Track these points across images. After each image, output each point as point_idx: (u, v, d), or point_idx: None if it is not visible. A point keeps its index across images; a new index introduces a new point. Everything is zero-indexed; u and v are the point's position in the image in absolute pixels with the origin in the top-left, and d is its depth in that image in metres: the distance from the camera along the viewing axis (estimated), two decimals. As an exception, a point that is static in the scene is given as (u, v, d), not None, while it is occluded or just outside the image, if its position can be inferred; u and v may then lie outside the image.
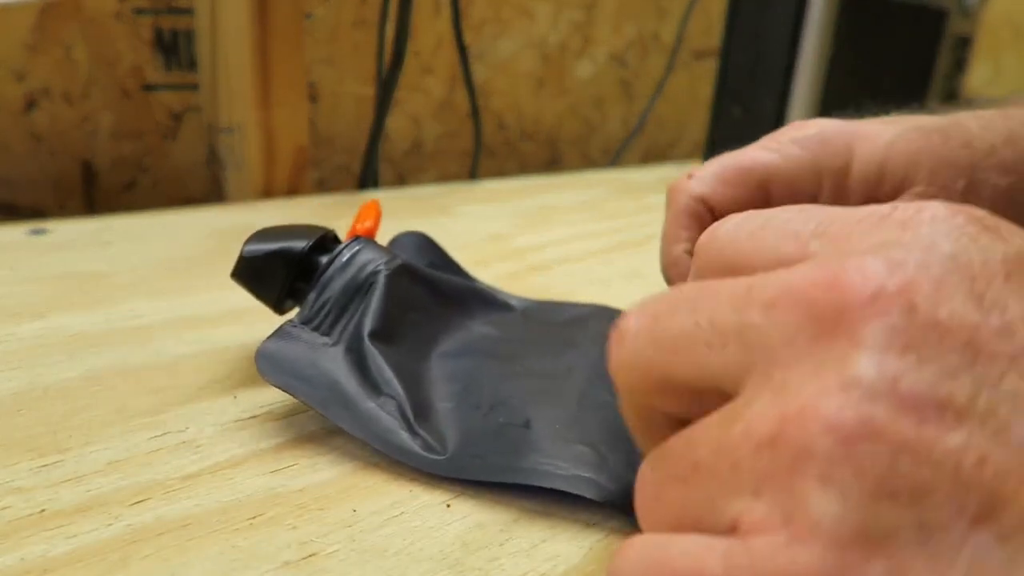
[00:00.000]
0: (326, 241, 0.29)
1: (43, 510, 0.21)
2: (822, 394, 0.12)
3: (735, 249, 0.17)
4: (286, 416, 0.27)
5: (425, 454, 0.24)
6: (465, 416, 0.26)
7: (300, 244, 0.28)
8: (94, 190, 0.58)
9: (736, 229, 0.17)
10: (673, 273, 0.30)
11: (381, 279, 0.28)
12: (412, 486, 0.24)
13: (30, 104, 0.54)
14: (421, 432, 0.25)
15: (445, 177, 0.76)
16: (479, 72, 0.75)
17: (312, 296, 0.28)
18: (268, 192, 0.55)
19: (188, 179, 0.61)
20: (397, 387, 0.26)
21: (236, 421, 0.26)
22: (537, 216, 0.56)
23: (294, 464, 0.24)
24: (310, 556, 0.21)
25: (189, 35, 0.58)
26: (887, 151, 0.28)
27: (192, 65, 0.59)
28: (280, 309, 0.29)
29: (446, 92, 0.73)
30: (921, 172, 0.28)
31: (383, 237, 0.33)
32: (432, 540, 0.22)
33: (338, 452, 0.25)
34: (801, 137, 0.29)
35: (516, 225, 0.53)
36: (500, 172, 0.80)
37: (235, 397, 0.28)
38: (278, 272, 0.28)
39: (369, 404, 0.25)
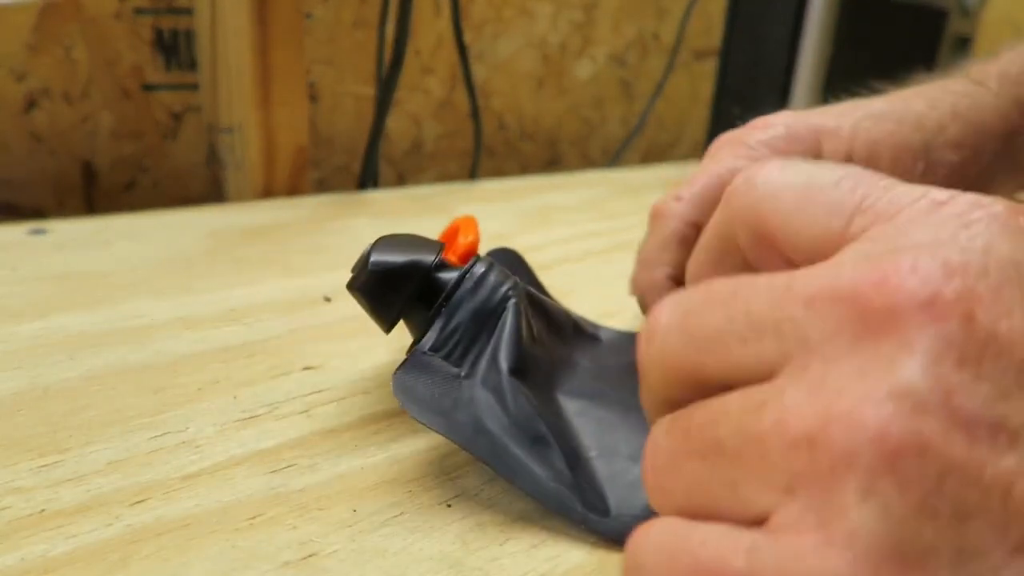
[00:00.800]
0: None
1: (43, 510, 0.21)
2: (869, 400, 0.11)
3: (774, 207, 0.16)
4: (286, 416, 0.27)
5: (586, 512, 0.23)
6: (613, 468, 0.25)
7: (428, 258, 0.26)
8: (94, 190, 0.58)
9: (780, 184, 0.16)
10: (652, 298, 0.30)
11: (511, 307, 0.26)
12: (412, 486, 0.24)
13: (30, 104, 0.54)
14: (580, 485, 0.23)
15: (445, 177, 0.76)
16: (479, 72, 0.75)
17: (440, 322, 0.26)
18: (268, 192, 0.55)
19: (188, 179, 0.61)
20: (545, 432, 0.24)
21: (236, 421, 0.26)
22: (537, 216, 0.56)
23: (294, 464, 0.24)
24: (310, 556, 0.21)
25: (189, 35, 0.58)
26: (850, 144, 0.29)
27: (192, 65, 0.59)
28: (391, 328, 0.27)
29: (446, 92, 0.73)
30: (883, 161, 0.29)
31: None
32: (432, 540, 0.22)
33: (338, 452, 0.25)
34: (770, 138, 0.29)
35: (516, 225, 0.53)
36: (500, 172, 0.80)
37: (235, 397, 0.28)
38: (404, 287, 0.26)
39: (517, 451, 0.23)
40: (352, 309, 0.36)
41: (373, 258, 0.26)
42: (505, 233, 0.51)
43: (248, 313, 0.35)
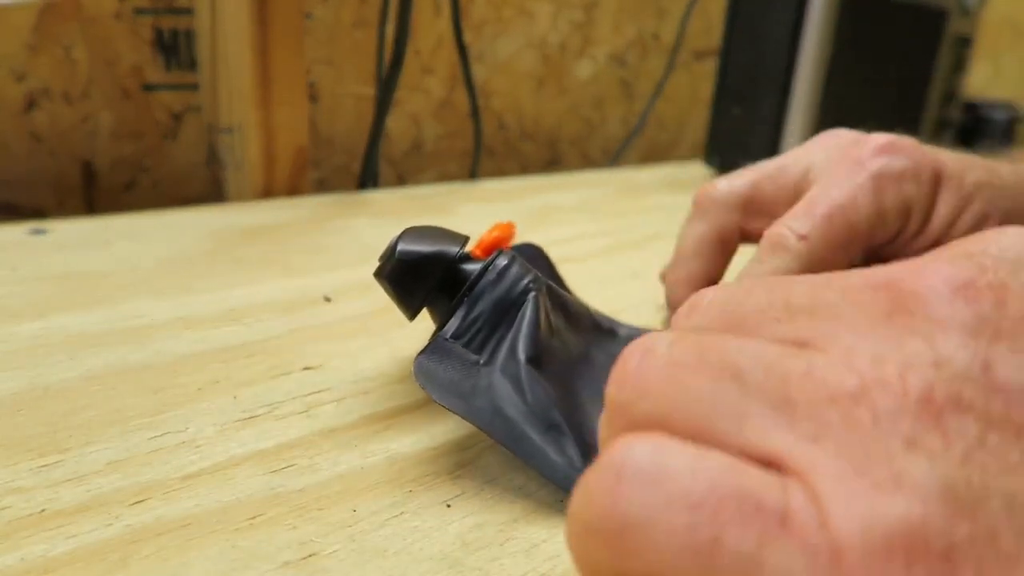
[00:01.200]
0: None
1: (43, 510, 0.21)
2: (912, 367, 0.12)
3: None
4: (286, 416, 0.27)
5: None
6: None
7: (453, 249, 0.27)
8: (94, 190, 0.58)
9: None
10: None
11: (531, 299, 0.27)
12: (412, 486, 0.24)
13: (30, 104, 0.54)
14: None
15: (445, 177, 0.76)
16: (479, 72, 0.75)
17: (463, 310, 0.26)
18: (268, 192, 0.55)
19: (188, 179, 0.61)
20: (560, 420, 0.25)
21: (236, 421, 0.26)
22: (537, 216, 0.56)
23: (294, 464, 0.24)
24: (310, 556, 0.21)
25: (189, 35, 0.58)
26: (965, 202, 0.30)
27: (192, 65, 0.59)
28: (415, 315, 0.28)
29: (446, 92, 0.73)
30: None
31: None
32: (432, 540, 0.22)
33: (337, 452, 0.25)
34: (895, 172, 0.29)
35: (516, 225, 0.53)
36: (500, 172, 0.80)
37: (235, 397, 0.28)
38: (429, 276, 0.27)
39: (535, 438, 0.24)
40: (352, 309, 0.36)
41: (400, 247, 0.27)
42: (505, 233, 0.51)
43: (248, 313, 0.35)
